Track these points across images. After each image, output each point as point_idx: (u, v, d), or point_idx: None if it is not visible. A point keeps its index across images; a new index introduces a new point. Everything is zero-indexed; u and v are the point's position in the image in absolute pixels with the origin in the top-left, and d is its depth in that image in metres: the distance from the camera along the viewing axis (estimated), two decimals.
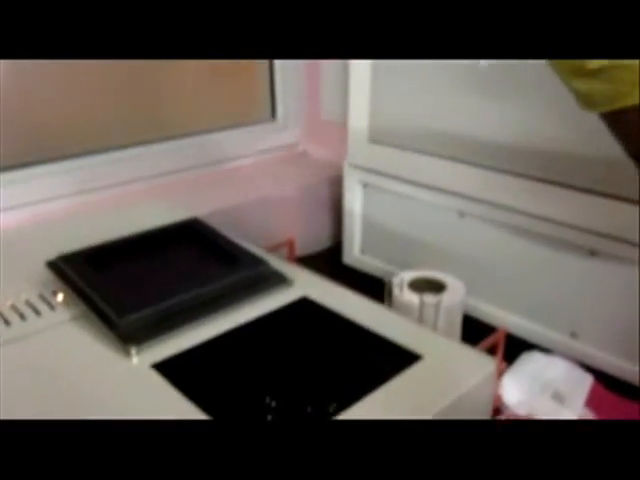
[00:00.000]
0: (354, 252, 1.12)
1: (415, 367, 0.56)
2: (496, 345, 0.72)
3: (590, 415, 0.75)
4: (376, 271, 1.08)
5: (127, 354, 0.57)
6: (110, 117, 1.03)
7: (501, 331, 0.73)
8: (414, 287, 0.86)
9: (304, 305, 0.66)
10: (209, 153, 1.15)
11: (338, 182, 1.13)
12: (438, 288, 0.86)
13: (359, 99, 1.02)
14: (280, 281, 0.69)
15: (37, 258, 0.71)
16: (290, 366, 0.58)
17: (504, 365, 0.79)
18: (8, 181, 0.92)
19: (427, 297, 0.81)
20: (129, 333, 0.59)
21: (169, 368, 0.56)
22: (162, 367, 0.56)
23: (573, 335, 0.86)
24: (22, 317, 0.64)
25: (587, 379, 0.81)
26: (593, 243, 0.80)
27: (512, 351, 0.81)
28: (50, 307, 0.66)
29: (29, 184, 0.94)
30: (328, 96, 1.22)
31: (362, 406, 0.51)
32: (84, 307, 0.63)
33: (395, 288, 0.85)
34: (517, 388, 0.78)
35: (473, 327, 0.90)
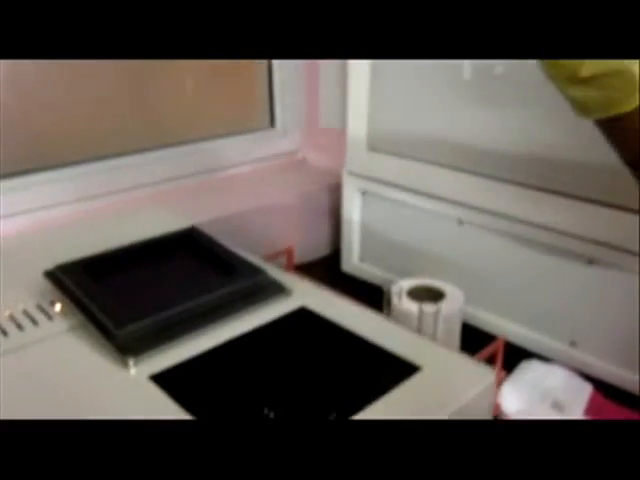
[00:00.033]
0: (353, 260, 1.12)
1: (414, 378, 0.56)
2: (495, 354, 0.72)
3: None
4: (375, 279, 1.08)
5: (125, 365, 0.57)
6: (109, 125, 1.03)
7: (500, 340, 0.73)
8: (413, 295, 0.85)
9: (302, 315, 0.66)
10: (208, 160, 1.15)
11: (337, 189, 1.13)
12: (437, 296, 0.86)
13: (358, 107, 1.01)
14: (278, 291, 0.69)
15: (35, 267, 0.71)
16: (288, 377, 0.58)
17: (503, 374, 0.79)
18: (8, 188, 0.92)
19: (426, 306, 0.81)
20: (127, 344, 0.58)
21: (167, 379, 0.56)
22: (160, 378, 0.56)
23: (572, 344, 0.86)
24: (20, 327, 0.63)
25: (586, 388, 0.81)
26: (592, 252, 0.80)
27: (511, 360, 0.81)
28: (48, 317, 0.65)
29: (29, 191, 0.94)
30: (327, 104, 1.22)
31: (361, 418, 0.51)
32: (82, 317, 0.63)
33: (394, 297, 0.85)
34: (516, 397, 0.78)
35: (472, 335, 0.90)
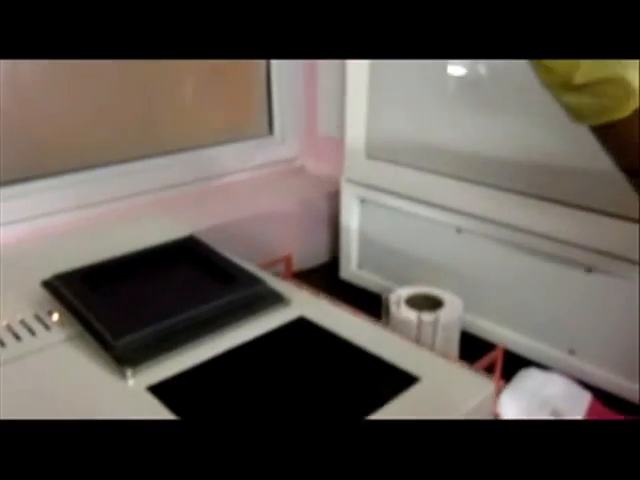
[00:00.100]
0: (351, 267, 1.12)
1: (413, 389, 0.56)
2: (494, 362, 0.72)
3: None
4: (373, 286, 1.08)
5: (123, 376, 0.57)
6: (108, 132, 1.03)
7: (499, 348, 0.72)
8: (411, 303, 0.85)
9: (301, 325, 0.66)
10: (206, 168, 1.15)
11: (336, 197, 1.12)
12: (435, 304, 0.86)
13: (356, 114, 1.01)
14: (277, 300, 0.69)
15: (32, 276, 0.71)
16: (287, 388, 0.58)
17: (502, 383, 0.79)
18: (8, 196, 0.92)
19: (425, 315, 0.81)
20: (125, 355, 0.58)
21: (165, 390, 0.56)
22: (158, 389, 0.56)
23: (572, 352, 0.86)
24: (17, 337, 0.63)
25: (586, 396, 0.80)
26: (592, 260, 0.80)
27: (509, 368, 0.80)
28: (45, 327, 0.65)
29: (28, 199, 0.94)
30: (326, 111, 1.22)
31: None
32: (80, 327, 0.63)
33: (392, 305, 0.84)
34: (515, 405, 0.78)
35: (471, 343, 0.90)
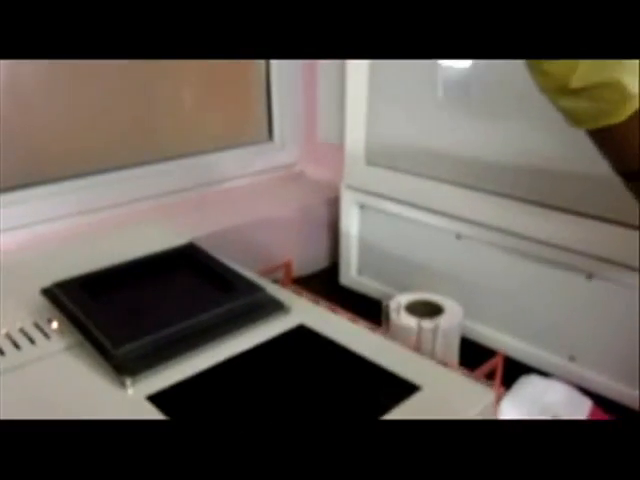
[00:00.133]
0: (351, 273, 1.12)
1: (414, 398, 0.56)
2: (495, 369, 0.71)
3: None
4: (373, 292, 1.08)
5: (122, 385, 0.57)
6: (108, 138, 1.03)
7: (500, 355, 0.72)
8: (411, 310, 0.85)
9: (301, 333, 0.66)
10: (206, 174, 1.15)
11: (335, 203, 1.13)
12: (436, 311, 0.86)
13: (356, 121, 1.02)
14: (277, 308, 0.68)
15: (32, 284, 0.71)
16: (286, 397, 0.58)
17: (502, 389, 0.79)
18: (8, 202, 0.92)
19: (425, 322, 0.81)
20: (124, 364, 0.58)
21: (164, 399, 0.55)
22: (157, 398, 0.55)
23: (572, 358, 0.86)
24: (17, 346, 0.63)
25: (586, 403, 0.80)
26: (592, 267, 0.80)
27: (510, 374, 0.80)
28: (45, 336, 0.65)
29: (28, 205, 0.94)
30: (325, 117, 1.22)
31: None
32: (79, 336, 0.63)
33: (392, 312, 0.84)
34: (516, 412, 0.78)
35: (471, 350, 0.90)
